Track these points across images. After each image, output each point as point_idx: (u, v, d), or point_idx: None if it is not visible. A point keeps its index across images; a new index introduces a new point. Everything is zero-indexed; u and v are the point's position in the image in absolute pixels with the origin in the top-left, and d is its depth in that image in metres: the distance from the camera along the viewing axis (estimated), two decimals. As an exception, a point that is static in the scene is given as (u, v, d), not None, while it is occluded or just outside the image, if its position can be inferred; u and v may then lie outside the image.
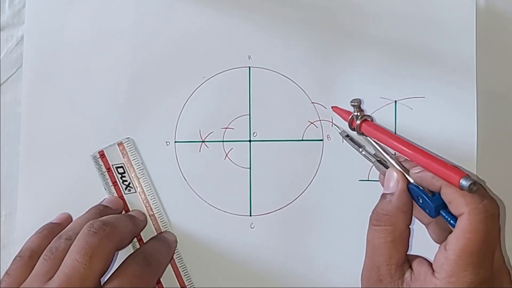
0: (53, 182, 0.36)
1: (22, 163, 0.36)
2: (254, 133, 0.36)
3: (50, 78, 0.36)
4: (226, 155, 0.36)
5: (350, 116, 0.33)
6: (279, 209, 0.35)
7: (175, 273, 0.35)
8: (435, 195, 0.29)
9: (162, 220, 0.35)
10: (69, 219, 0.34)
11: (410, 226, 0.30)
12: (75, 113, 0.36)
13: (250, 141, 0.36)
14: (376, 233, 0.29)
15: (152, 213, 0.35)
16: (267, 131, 0.36)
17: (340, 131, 0.35)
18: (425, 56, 0.35)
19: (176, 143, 0.36)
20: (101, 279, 0.29)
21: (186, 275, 0.35)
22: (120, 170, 0.35)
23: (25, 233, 0.33)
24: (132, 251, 0.33)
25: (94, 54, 0.36)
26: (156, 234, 0.35)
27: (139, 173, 0.35)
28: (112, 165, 0.35)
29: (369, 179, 0.35)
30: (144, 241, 0.35)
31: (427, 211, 0.30)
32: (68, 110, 0.36)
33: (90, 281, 0.28)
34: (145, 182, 0.35)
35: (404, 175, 0.31)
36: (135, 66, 0.36)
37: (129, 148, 0.35)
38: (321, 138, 0.35)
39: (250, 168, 0.36)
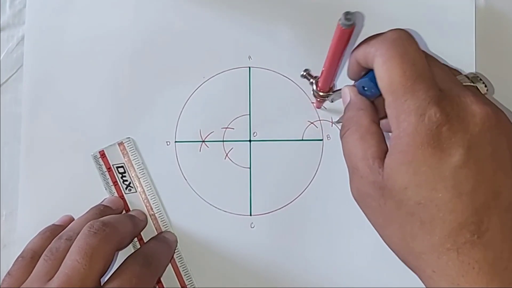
0: (54, 182, 0.36)
1: (23, 163, 0.36)
2: (254, 133, 0.36)
3: (51, 78, 0.36)
4: (226, 155, 0.36)
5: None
6: (279, 209, 0.35)
7: (175, 273, 0.35)
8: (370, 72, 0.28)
9: (162, 220, 0.35)
10: (71, 221, 0.34)
11: (377, 122, 0.28)
12: (75, 113, 0.36)
13: (250, 141, 0.36)
14: (346, 140, 0.28)
15: (153, 213, 0.35)
16: (267, 131, 0.36)
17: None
18: (424, 56, 0.35)
19: (176, 143, 0.36)
20: (102, 279, 0.29)
21: (186, 274, 0.35)
22: (121, 170, 0.35)
23: (25, 233, 0.33)
24: (133, 251, 0.33)
25: (94, 54, 0.36)
26: (156, 234, 0.35)
27: (139, 173, 0.35)
28: (113, 165, 0.35)
29: (369, 179, 0.35)
30: (145, 241, 0.35)
31: (370, 90, 0.28)
32: (68, 110, 0.36)
33: (90, 281, 0.28)
34: (146, 182, 0.35)
35: (353, 86, 0.30)
36: (135, 66, 0.36)
37: (130, 148, 0.35)
38: (321, 138, 0.36)
39: (250, 168, 0.36)
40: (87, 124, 0.36)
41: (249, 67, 0.36)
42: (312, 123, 0.36)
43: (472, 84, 0.28)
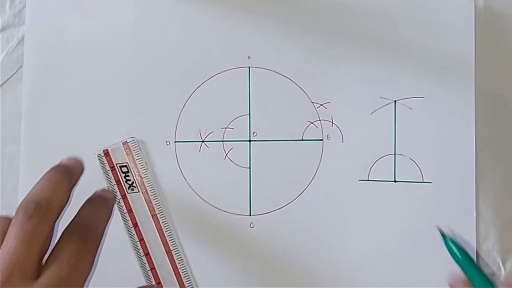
0: (53, 182, 0.36)
1: (23, 163, 0.36)
2: (254, 133, 0.36)
3: (51, 78, 0.36)
4: (226, 155, 0.36)
5: None
6: (279, 208, 0.35)
7: (174, 274, 0.35)
8: None
9: (164, 220, 0.35)
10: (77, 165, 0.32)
11: None
12: (75, 113, 0.36)
13: (250, 141, 0.36)
14: None
15: (155, 213, 0.35)
16: (267, 131, 0.36)
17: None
18: (424, 56, 0.35)
19: (176, 143, 0.36)
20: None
21: (186, 276, 0.35)
22: (124, 169, 0.35)
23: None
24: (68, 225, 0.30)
25: (94, 54, 0.36)
26: (158, 235, 0.35)
27: (142, 173, 0.35)
28: (116, 164, 0.35)
29: (369, 179, 0.35)
30: (146, 243, 0.34)
31: None
32: (68, 110, 0.36)
33: (31, 265, 0.26)
34: (148, 182, 0.35)
35: None
36: (135, 66, 0.36)
37: (134, 148, 0.35)
38: (321, 138, 0.36)
39: (250, 168, 0.36)
40: (87, 124, 0.36)
41: (249, 67, 0.36)
42: (312, 123, 0.36)
43: None
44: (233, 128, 0.36)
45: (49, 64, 0.36)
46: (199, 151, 0.36)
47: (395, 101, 0.35)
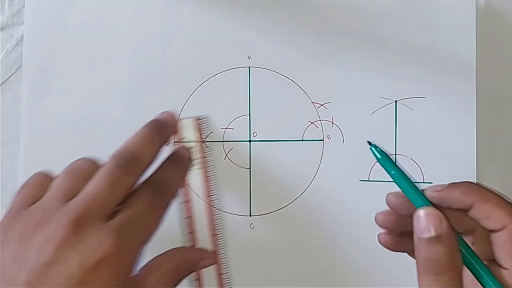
0: (53, 182, 0.36)
1: (22, 163, 0.36)
2: (254, 133, 0.36)
3: (50, 78, 0.36)
4: (226, 155, 0.36)
5: None
6: (279, 209, 0.35)
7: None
8: None
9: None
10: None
11: None
12: (74, 113, 0.36)
13: (250, 141, 0.36)
14: (442, 283, 0.26)
15: (209, 194, 0.35)
16: (267, 131, 0.36)
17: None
18: (425, 56, 0.35)
19: (176, 143, 0.36)
20: None
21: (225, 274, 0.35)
22: (189, 144, 0.35)
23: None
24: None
25: (93, 54, 0.36)
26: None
27: (205, 152, 0.35)
28: (181, 139, 0.35)
29: (370, 179, 0.35)
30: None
31: None
32: (67, 110, 0.36)
33: (109, 211, 0.27)
34: (209, 163, 0.35)
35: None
36: (135, 66, 0.36)
37: (203, 126, 0.35)
38: (321, 138, 0.35)
39: (250, 168, 0.36)
40: (87, 124, 0.36)
41: (249, 67, 0.36)
42: (312, 123, 0.36)
43: None
44: (233, 128, 0.36)
45: (48, 64, 0.36)
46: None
47: (395, 101, 0.35)
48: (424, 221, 0.26)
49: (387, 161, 0.28)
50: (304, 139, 0.35)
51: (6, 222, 0.28)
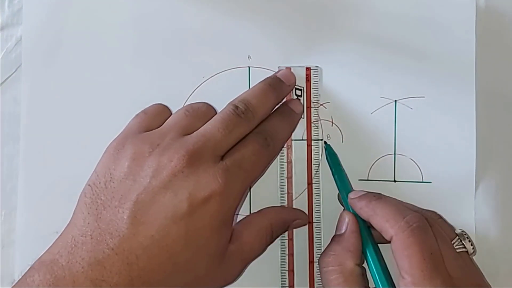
0: (53, 181, 0.36)
1: (22, 163, 0.36)
2: (254, 133, 0.36)
3: (50, 78, 0.36)
4: (226, 155, 0.36)
5: None
6: (279, 209, 0.35)
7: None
8: None
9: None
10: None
11: (361, 265, 0.30)
12: (74, 113, 0.36)
13: (250, 141, 0.36)
14: (327, 275, 0.30)
15: (310, 143, 0.35)
16: (267, 131, 0.36)
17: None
18: (425, 56, 0.35)
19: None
20: None
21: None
22: (298, 92, 0.35)
23: (25, 233, 0.33)
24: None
25: (93, 53, 0.36)
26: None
27: (313, 102, 0.35)
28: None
29: (369, 178, 0.35)
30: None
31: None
32: (67, 110, 0.36)
33: (221, 152, 0.29)
34: (315, 112, 0.35)
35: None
36: (134, 66, 0.36)
37: (314, 76, 0.35)
38: (321, 138, 0.36)
39: (250, 168, 0.36)
40: (86, 123, 0.36)
41: (249, 67, 0.36)
42: (312, 122, 0.36)
43: (464, 249, 0.30)
44: (233, 128, 0.36)
45: (48, 63, 0.36)
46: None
47: (395, 101, 0.35)
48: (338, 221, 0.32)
49: (334, 163, 0.34)
50: (304, 138, 0.35)
51: (119, 140, 0.30)
